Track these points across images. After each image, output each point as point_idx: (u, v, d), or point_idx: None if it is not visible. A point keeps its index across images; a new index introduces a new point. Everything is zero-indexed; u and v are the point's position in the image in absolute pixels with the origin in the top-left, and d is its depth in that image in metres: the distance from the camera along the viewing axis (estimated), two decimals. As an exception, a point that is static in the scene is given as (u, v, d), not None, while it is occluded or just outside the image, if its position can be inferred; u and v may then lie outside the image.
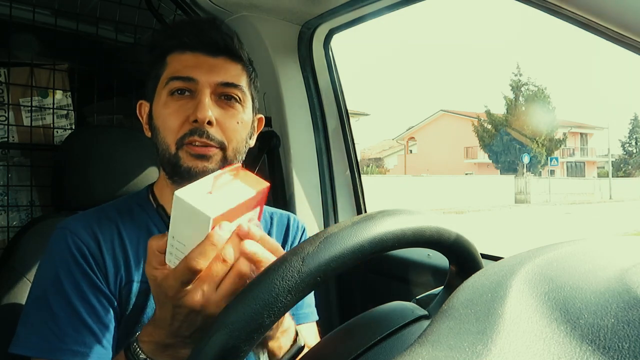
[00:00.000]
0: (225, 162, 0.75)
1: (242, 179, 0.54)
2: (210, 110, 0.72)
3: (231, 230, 0.51)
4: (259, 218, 0.57)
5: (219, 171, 0.54)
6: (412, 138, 30.06)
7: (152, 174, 1.17)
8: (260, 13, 1.29)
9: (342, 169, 1.44)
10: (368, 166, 28.11)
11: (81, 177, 1.11)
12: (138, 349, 0.57)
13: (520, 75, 26.01)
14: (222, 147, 0.74)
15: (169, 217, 0.61)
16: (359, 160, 1.49)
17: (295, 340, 0.65)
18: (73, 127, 1.50)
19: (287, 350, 0.65)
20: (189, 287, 0.50)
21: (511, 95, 25.51)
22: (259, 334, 0.36)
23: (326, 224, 1.43)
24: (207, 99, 0.73)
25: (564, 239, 0.39)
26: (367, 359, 0.41)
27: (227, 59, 0.77)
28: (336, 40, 1.41)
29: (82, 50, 1.51)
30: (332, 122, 1.42)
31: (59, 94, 1.48)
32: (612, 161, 28.01)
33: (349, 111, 1.47)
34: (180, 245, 0.51)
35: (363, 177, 1.50)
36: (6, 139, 1.41)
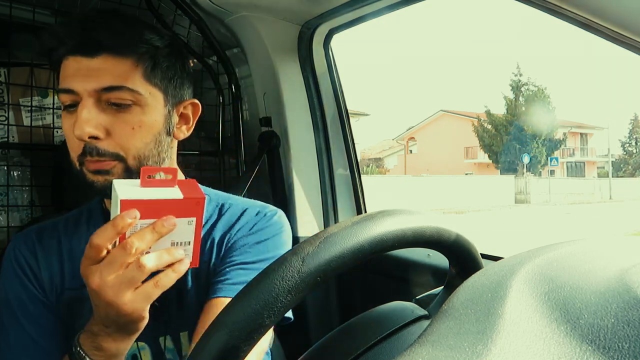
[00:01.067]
0: (129, 171, 0.70)
1: (180, 185, 0.57)
2: (90, 124, 0.65)
3: (137, 219, 0.52)
4: (197, 229, 0.58)
5: (161, 174, 0.59)
6: (412, 138, 30.06)
7: (152, 174, 1.17)
8: (260, 13, 1.29)
9: (342, 169, 1.44)
10: (368, 166, 28.11)
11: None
12: (76, 339, 0.59)
13: (520, 75, 26.02)
14: (119, 159, 0.69)
15: None
16: (359, 160, 1.49)
17: None
18: (73, 127, 1.50)
19: None
20: (93, 266, 0.53)
21: (511, 96, 25.53)
22: (259, 334, 0.36)
23: (326, 224, 1.43)
24: (84, 112, 0.65)
25: (564, 239, 0.39)
26: (367, 359, 0.41)
27: (107, 57, 0.67)
28: (336, 40, 1.41)
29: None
30: (332, 122, 1.42)
31: (59, 94, 1.47)
32: (612, 161, 28.01)
33: (349, 111, 1.47)
34: None
35: (363, 177, 1.50)
36: (6, 139, 1.41)
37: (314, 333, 1.32)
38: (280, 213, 0.85)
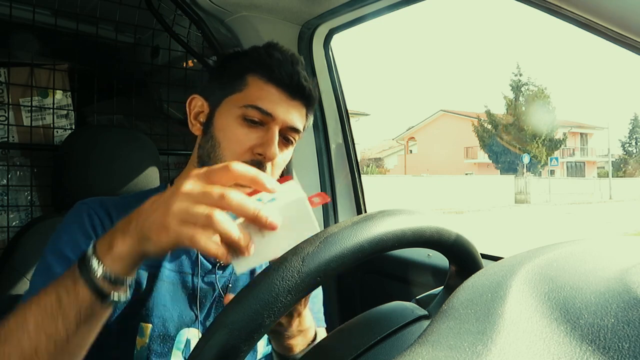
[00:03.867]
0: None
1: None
2: (278, 149, 0.75)
3: (249, 177, 0.49)
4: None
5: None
6: (412, 138, 30.06)
7: (152, 173, 1.17)
8: (260, 13, 1.29)
9: (342, 169, 1.44)
10: (368, 166, 28.11)
11: (81, 177, 1.11)
12: (94, 241, 0.55)
13: (521, 75, 26.04)
14: None
15: None
16: (359, 160, 1.49)
17: (313, 341, 0.66)
18: (73, 127, 1.50)
19: (303, 350, 0.65)
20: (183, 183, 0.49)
21: (511, 95, 25.53)
22: (259, 334, 0.36)
23: (326, 224, 1.43)
24: (276, 137, 0.75)
25: (564, 239, 0.39)
26: (367, 359, 0.41)
27: (301, 104, 0.78)
28: (336, 40, 1.41)
29: (82, 50, 1.51)
30: (332, 122, 1.42)
31: (59, 94, 1.47)
32: (612, 161, 28.00)
33: (349, 111, 1.47)
34: None
35: (363, 177, 1.50)
36: (6, 139, 1.41)
37: (314, 333, 1.32)
38: None
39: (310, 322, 0.66)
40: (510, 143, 24.22)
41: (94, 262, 0.52)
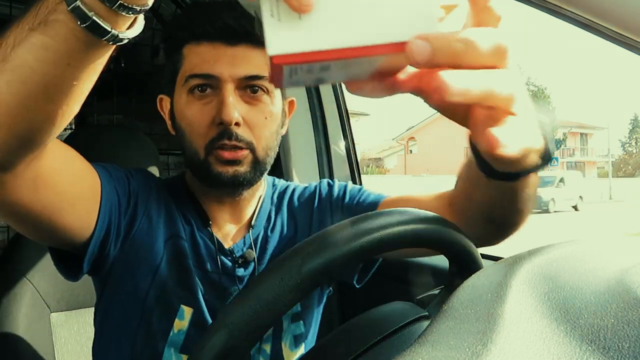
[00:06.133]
0: (256, 162, 0.71)
1: None
2: (235, 109, 0.66)
3: None
4: None
5: None
6: (412, 138, 30.05)
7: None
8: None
9: (342, 169, 1.44)
10: (368, 166, 28.11)
11: (81, 177, 1.11)
12: None
13: (520, 75, 26.00)
14: (251, 148, 0.69)
15: (198, 204, 0.76)
16: (359, 161, 1.49)
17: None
18: (73, 127, 1.50)
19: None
20: None
21: (511, 95, 25.48)
22: (259, 334, 0.36)
23: (326, 224, 1.43)
24: (230, 98, 0.66)
25: (564, 239, 0.39)
26: (367, 359, 0.41)
27: (248, 46, 0.68)
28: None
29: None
30: (332, 122, 1.42)
31: (59, 94, 1.47)
32: (612, 161, 28.00)
33: (349, 111, 1.47)
34: None
35: (363, 177, 1.49)
36: (6, 139, 1.41)
37: (314, 333, 1.32)
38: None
39: None
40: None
41: None
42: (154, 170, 1.17)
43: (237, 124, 0.67)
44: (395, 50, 0.28)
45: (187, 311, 0.72)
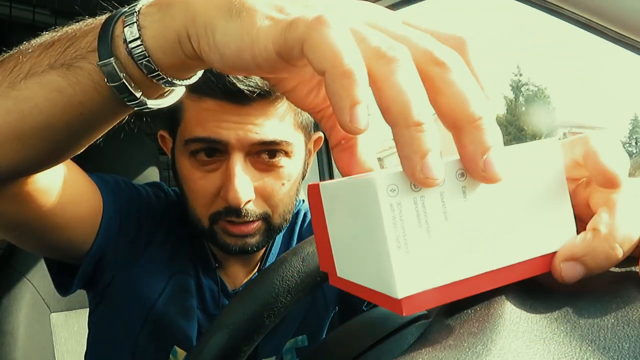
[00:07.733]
0: (270, 231, 0.61)
1: None
2: (246, 186, 0.54)
3: None
4: None
5: None
6: (412, 138, 29.99)
7: (152, 174, 1.17)
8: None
9: (342, 169, 1.43)
10: (368, 166, 28.05)
11: (81, 177, 1.11)
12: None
13: (521, 75, 26.06)
14: (265, 217, 0.59)
15: (205, 246, 0.66)
16: (359, 160, 1.48)
17: None
18: (73, 127, 1.50)
19: None
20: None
21: (511, 95, 25.55)
22: (259, 334, 0.36)
23: (326, 224, 1.43)
24: (239, 173, 0.54)
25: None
26: (367, 359, 0.41)
27: (263, 103, 0.54)
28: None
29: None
30: (332, 122, 1.42)
31: (59, 94, 1.47)
32: (612, 161, 27.93)
33: (349, 111, 1.46)
34: None
35: (363, 177, 1.49)
36: (6, 139, 1.41)
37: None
38: None
39: None
40: (510, 143, 24.24)
41: (129, 30, 0.30)
42: (154, 170, 1.17)
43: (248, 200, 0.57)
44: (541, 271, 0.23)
45: (180, 354, 0.65)
